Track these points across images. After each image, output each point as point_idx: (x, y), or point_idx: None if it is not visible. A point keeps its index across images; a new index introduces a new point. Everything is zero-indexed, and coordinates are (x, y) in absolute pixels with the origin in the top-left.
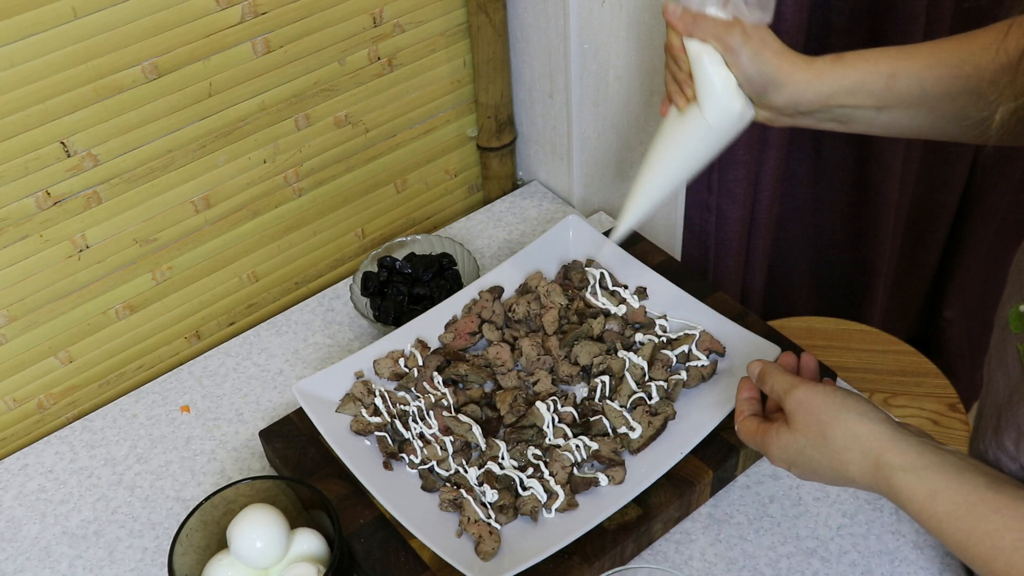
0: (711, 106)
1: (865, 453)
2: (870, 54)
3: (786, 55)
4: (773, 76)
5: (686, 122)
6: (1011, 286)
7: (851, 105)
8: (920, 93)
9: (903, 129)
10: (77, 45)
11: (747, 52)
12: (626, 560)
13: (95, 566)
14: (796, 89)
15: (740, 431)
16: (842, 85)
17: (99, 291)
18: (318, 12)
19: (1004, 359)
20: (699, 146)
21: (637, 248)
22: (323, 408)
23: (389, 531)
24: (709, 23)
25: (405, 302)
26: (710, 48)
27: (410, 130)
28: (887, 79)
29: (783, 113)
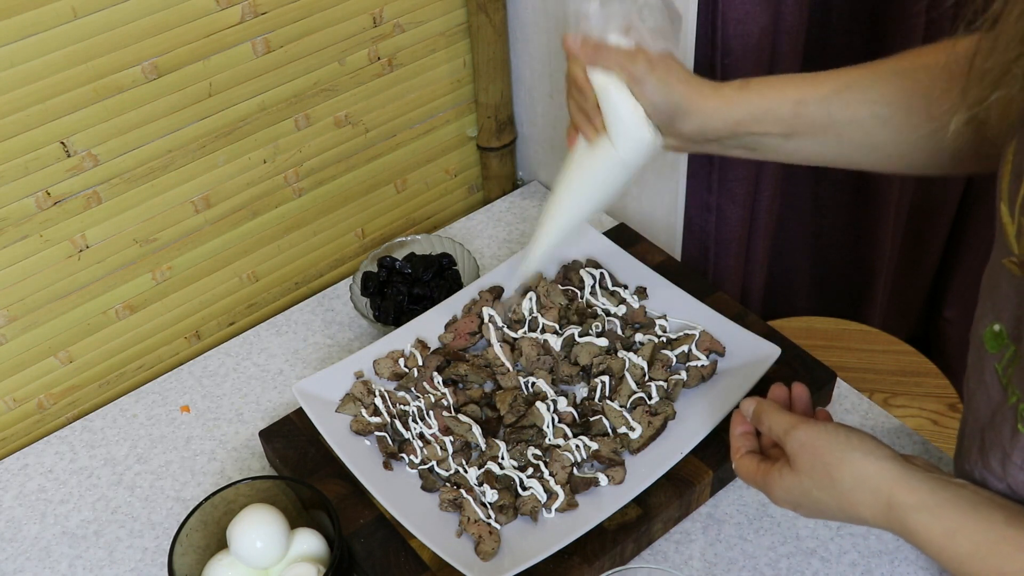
0: (621, 137)
1: (875, 493)
2: (777, 81)
3: (692, 82)
4: (680, 104)
5: (596, 153)
6: (982, 304)
7: (758, 132)
8: (827, 119)
9: (811, 157)
10: (77, 45)
11: (653, 81)
12: (626, 560)
13: (95, 566)
14: (704, 116)
15: (738, 470)
16: (749, 112)
17: (99, 291)
18: (318, 12)
19: (983, 379)
20: (610, 177)
21: (637, 248)
22: (323, 408)
23: (389, 531)
24: (612, 52)
25: (405, 302)
26: (615, 78)
27: (410, 130)
28: (794, 105)
29: (691, 140)
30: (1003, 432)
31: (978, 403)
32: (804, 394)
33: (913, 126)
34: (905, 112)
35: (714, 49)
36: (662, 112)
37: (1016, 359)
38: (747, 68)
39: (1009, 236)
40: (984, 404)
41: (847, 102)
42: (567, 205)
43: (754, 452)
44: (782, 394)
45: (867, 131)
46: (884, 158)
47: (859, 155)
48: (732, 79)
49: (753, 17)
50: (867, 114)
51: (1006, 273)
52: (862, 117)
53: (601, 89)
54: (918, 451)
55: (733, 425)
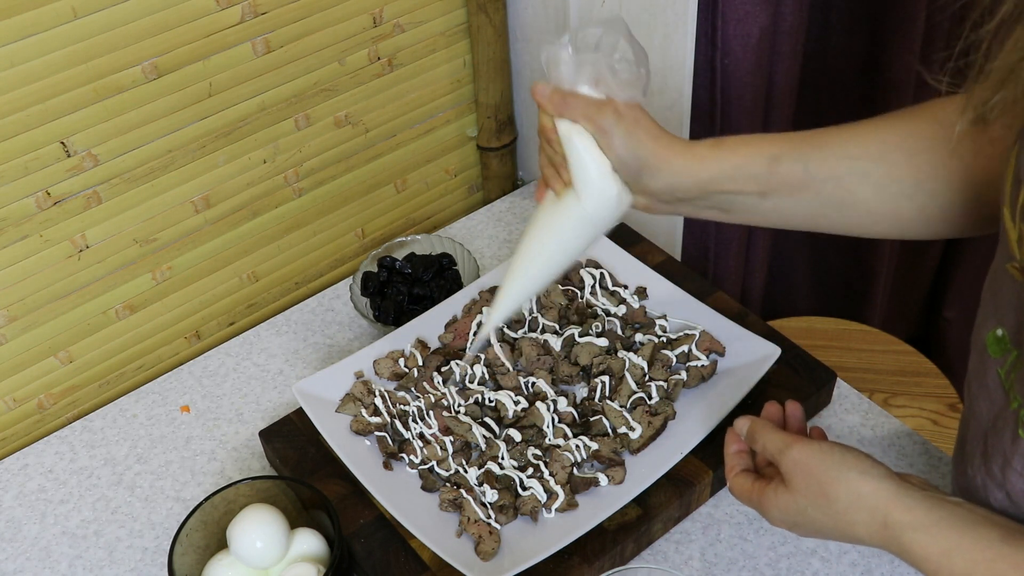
0: (586, 191)
1: (871, 513)
2: (753, 138)
3: (662, 138)
4: (648, 160)
5: (563, 208)
6: (984, 308)
7: (732, 191)
8: (804, 176)
9: (787, 217)
10: (77, 45)
11: (620, 134)
12: (626, 560)
13: (95, 566)
14: (673, 174)
15: (733, 489)
16: (722, 170)
17: (99, 291)
18: (318, 12)
19: (985, 383)
20: (577, 233)
21: (637, 248)
22: (323, 408)
23: (389, 531)
24: (580, 103)
25: (405, 302)
26: (581, 129)
27: (410, 130)
28: (769, 162)
29: (661, 199)
30: (1004, 437)
31: (980, 407)
32: (798, 412)
33: (895, 180)
34: (887, 167)
35: (714, 49)
36: (629, 167)
37: (1018, 364)
38: (747, 68)
39: (1011, 241)
40: (986, 409)
41: (825, 157)
42: (531, 262)
43: (749, 471)
44: (776, 412)
45: (847, 187)
46: (866, 216)
47: (838, 214)
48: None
49: (753, 17)
50: (846, 169)
51: (1008, 278)
52: (841, 173)
53: (567, 140)
54: (918, 451)
55: (727, 443)
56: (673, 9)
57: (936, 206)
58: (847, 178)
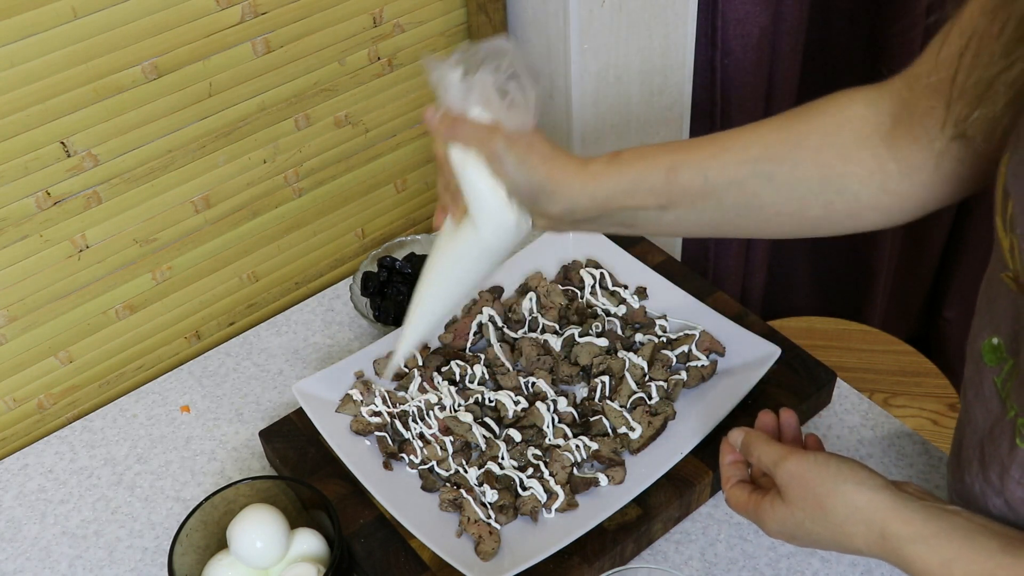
0: (483, 219)
1: (869, 525)
2: (650, 150)
3: (556, 159)
4: (542, 184)
5: (461, 236)
6: (980, 317)
7: (632, 206)
8: (703, 184)
9: (691, 226)
10: (77, 45)
11: (511, 159)
12: (626, 560)
13: (95, 566)
14: (570, 196)
15: (729, 501)
16: (619, 186)
17: (99, 291)
18: (318, 12)
19: (981, 391)
20: (476, 261)
21: (637, 248)
22: (323, 408)
23: (389, 531)
24: (470, 127)
25: (405, 302)
26: (473, 156)
27: (410, 130)
28: (667, 172)
29: (561, 221)
30: (1002, 446)
31: (976, 415)
32: (792, 420)
33: (800, 179)
34: (791, 166)
35: (714, 49)
36: (524, 192)
37: (1014, 373)
38: (747, 68)
39: (1004, 250)
40: (983, 416)
41: (724, 163)
42: (435, 291)
43: (745, 482)
44: (770, 421)
45: (750, 191)
46: (772, 218)
47: (742, 219)
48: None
49: (753, 17)
50: (747, 173)
51: (1003, 287)
52: (742, 177)
53: (459, 167)
54: (918, 451)
55: (722, 454)
56: (673, 9)
57: (842, 202)
58: (749, 181)
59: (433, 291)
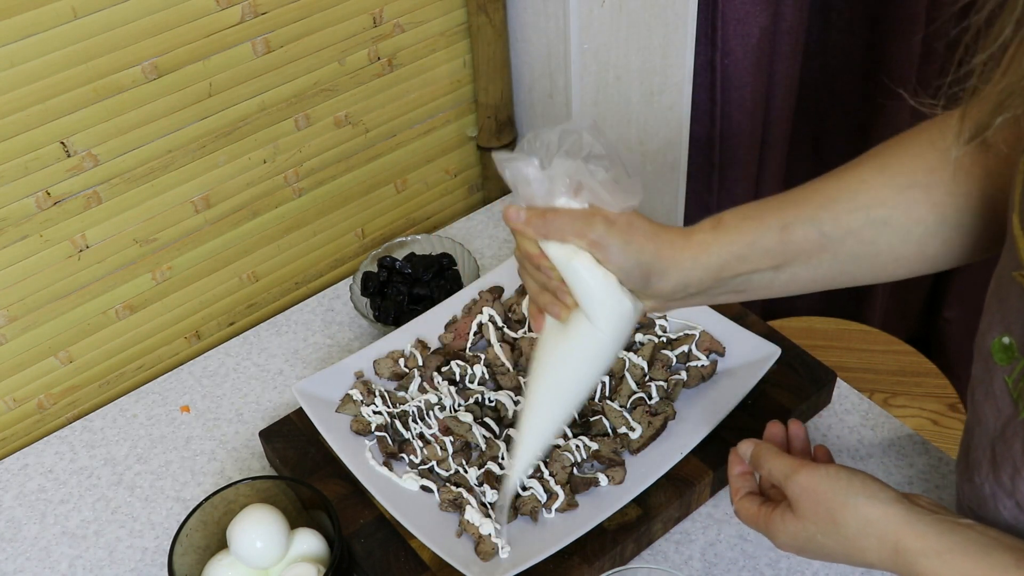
0: (599, 314)
1: (882, 539)
2: (753, 210)
3: (661, 234)
4: (652, 263)
5: (573, 334)
6: (989, 315)
7: (746, 272)
8: (819, 238)
9: (807, 283)
10: (77, 45)
11: (616, 243)
12: (626, 560)
13: (95, 566)
14: (682, 271)
15: (739, 513)
16: (732, 252)
17: (99, 291)
18: (318, 12)
19: (991, 390)
20: (595, 357)
21: None
22: (323, 408)
23: (389, 531)
24: (563, 219)
25: (405, 302)
26: (574, 249)
27: (410, 130)
28: (780, 232)
29: (672, 298)
30: (1014, 447)
31: (986, 415)
32: (801, 432)
33: (917, 222)
34: (905, 209)
35: (714, 49)
36: (634, 276)
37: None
38: (747, 68)
39: (1020, 248)
40: (993, 416)
41: (838, 214)
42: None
43: (754, 493)
44: (779, 433)
45: (867, 240)
46: (890, 263)
47: (860, 269)
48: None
49: (753, 17)
50: (862, 222)
51: (1016, 286)
52: (858, 226)
53: (562, 264)
54: (918, 451)
55: (731, 465)
56: (673, 9)
57: (959, 235)
58: (865, 230)
59: (552, 397)
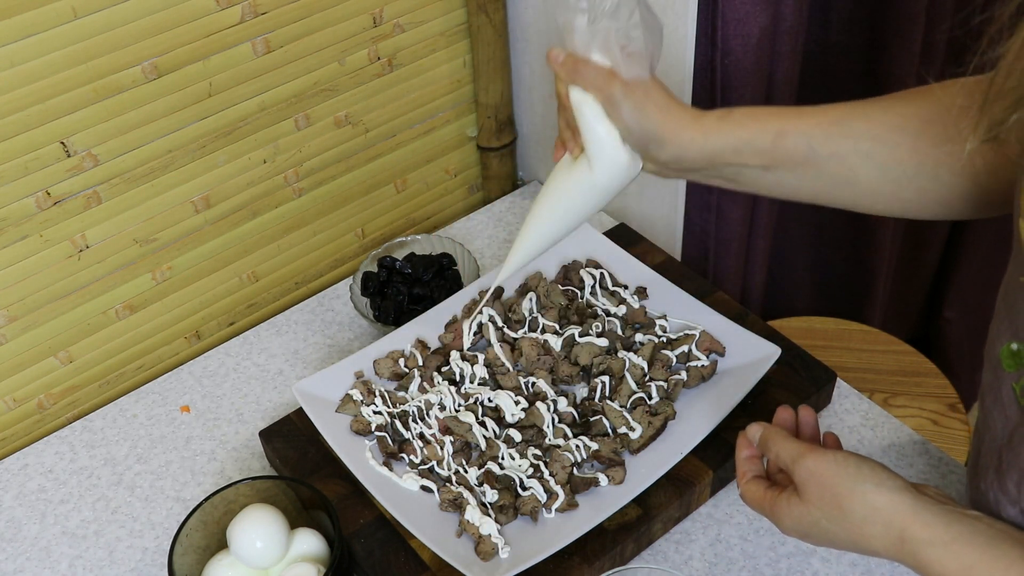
0: (597, 159)
1: (887, 527)
2: (761, 112)
3: (672, 110)
4: (655, 132)
5: (576, 172)
6: (998, 320)
7: (737, 163)
8: (807, 152)
9: (790, 191)
10: (77, 45)
11: (628, 105)
12: (626, 560)
13: (95, 566)
14: (680, 147)
15: (745, 496)
16: (728, 143)
17: (99, 291)
18: (318, 12)
19: (999, 397)
20: (587, 198)
21: (637, 248)
22: (323, 408)
23: (389, 531)
24: (591, 71)
25: (405, 302)
26: (591, 99)
27: (410, 130)
28: (774, 136)
29: (668, 167)
30: (1021, 454)
31: (994, 421)
32: (811, 418)
33: (898, 162)
34: (890, 148)
35: (714, 49)
36: (637, 138)
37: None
38: (747, 68)
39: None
40: (1001, 423)
41: (829, 135)
42: (544, 220)
43: (760, 477)
44: (788, 418)
45: (849, 166)
46: (867, 195)
47: (840, 191)
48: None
49: (753, 17)
50: (849, 149)
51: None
52: (844, 152)
53: (577, 108)
54: (918, 451)
55: (738, 448)
56: (673, 9)
57: (936, 189)
58: (850, 157)
59: (543, 220)
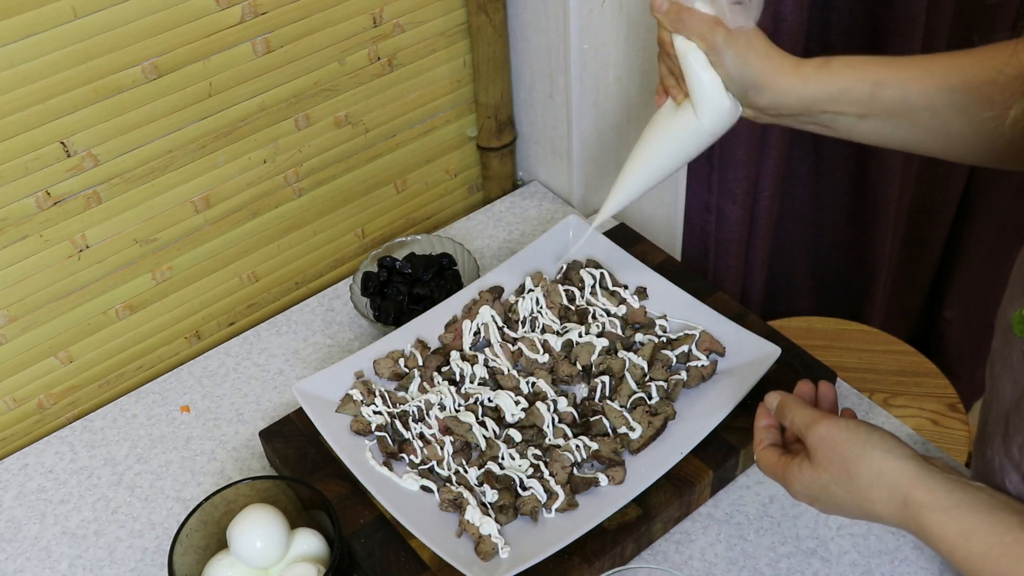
0: (703, 105)
1: (892, 491)
2: (858, 61)
3: (772, 57)
4: (755, 79)
5: (680, 117)
6: (1013, 288)
7: (833, 111)
8: (904, 103)
9: (883, 139)
10: (77, 45)
11: (730, 53)
12: (626, 560)
13: (95, 566)
14: (779, 93)
15: (759, 462)
16: (826, 91)
17: (99, 291)
18: (318, 12)
19: (1009, 363)
20: (691, 142)
21: (637, 248)
22: (323, 408)
23: (389, 531)
24: (695, 19)
25: (405, 302)
26: (695, 46)
27: (410, 130)
28: (872, 87)
29: (765, 113)
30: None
31: (1003, 388)
32: (830, 393)
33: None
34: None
35: None
36: (737, 84)
37: None
38: None
39: None
40: (1010, 389)
41: (926, 88)
42: (647, 161)
43: (776, 445)
44: (808, 391)
45: (943, 118)
46: (956, 145)
47: (931, 141)
48: None
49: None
50: (944, 102)
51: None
52: (939, 105)
53: (682, 56)
54: (918, 451)
55: (757, 418)
56: None
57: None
58: (946, 111)
59: (648, 162)
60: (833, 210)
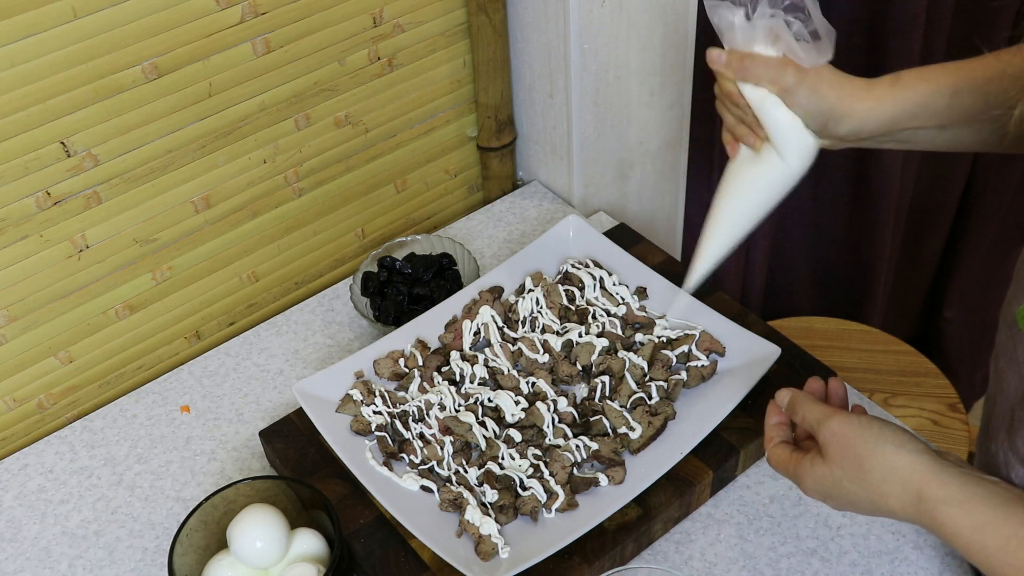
0: (787, 148)
1: (905, 486)
2: (930, 72)
3: (844, 85)
4: (833, 111)
5: (764, 163)
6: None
7: (914, 127)
8: (984, 107)
9: (965, 144)
10: (77, 45)
11: (804, 91)
12: (626, 560)
13: (95, 566)
14: (858, 120)
15: (771, 459)
16: (904, 109)
17: (99, 291)
18: (318, 12)
19: (1015, 357)
20: (780, 186)
21: (637, 248)
22: (323, 408)
23: (389, 531)
24: (761, 65)
25: (405, 302)
26: (766, 92)
27: (410, 130)
28: (950, 97)
29: (845, 140)
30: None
31: (1008, 382)
32: (840, 389)
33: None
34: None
35: None
36: (815, 119)
37: None
38: None
39: None
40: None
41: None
42: (736, 215)
43: (787, 442)
44: (819, 387)
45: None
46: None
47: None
48: None
49: None
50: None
51: None
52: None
53: (757, 104)
54: None
55: (768, 415)
56: (673, 9)
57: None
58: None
59: (737, 214)
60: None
